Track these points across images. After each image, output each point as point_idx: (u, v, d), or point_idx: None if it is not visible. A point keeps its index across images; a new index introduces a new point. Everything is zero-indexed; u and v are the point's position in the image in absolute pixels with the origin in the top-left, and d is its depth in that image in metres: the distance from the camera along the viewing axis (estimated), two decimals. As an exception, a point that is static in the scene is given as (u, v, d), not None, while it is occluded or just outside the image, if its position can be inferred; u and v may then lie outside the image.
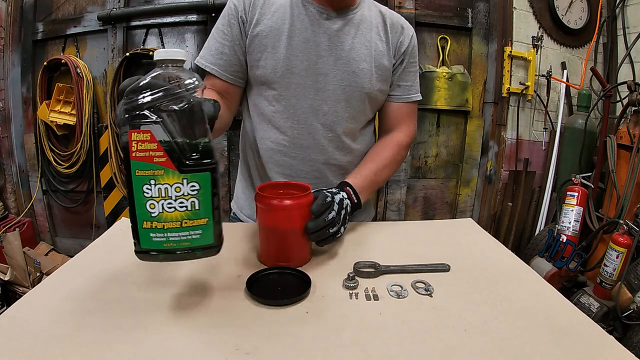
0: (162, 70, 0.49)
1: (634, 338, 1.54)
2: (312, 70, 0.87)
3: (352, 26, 0.89)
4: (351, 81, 0.89)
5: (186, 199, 0.48)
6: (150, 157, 0.46)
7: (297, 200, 0.66)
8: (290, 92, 0.88)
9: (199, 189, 0.48)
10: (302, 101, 0.88)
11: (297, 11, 0.86)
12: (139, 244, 0.49)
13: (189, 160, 0.47)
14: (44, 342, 0.48)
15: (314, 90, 0.88)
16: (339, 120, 0.90)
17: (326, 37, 0.87)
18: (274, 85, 0.88)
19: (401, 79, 0.96)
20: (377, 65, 0.90)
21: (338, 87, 0.88)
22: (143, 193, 0.47)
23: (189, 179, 0.47)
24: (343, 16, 0.88)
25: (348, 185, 0.81)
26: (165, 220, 0.48)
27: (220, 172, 2.24)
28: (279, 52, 0.86)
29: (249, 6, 0.86)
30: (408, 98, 0.97)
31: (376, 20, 0.92)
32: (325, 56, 0.87)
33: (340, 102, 0.89)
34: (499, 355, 0.47)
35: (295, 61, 0.86)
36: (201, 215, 0.49)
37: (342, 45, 0.87)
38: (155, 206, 0.48)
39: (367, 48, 0.89)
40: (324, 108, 0.89)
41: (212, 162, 0.49)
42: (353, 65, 0.88)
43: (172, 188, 0.47)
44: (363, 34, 0.89)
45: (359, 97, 0.90)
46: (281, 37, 0.85)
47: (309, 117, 0.89)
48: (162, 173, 0.47)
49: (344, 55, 0.88)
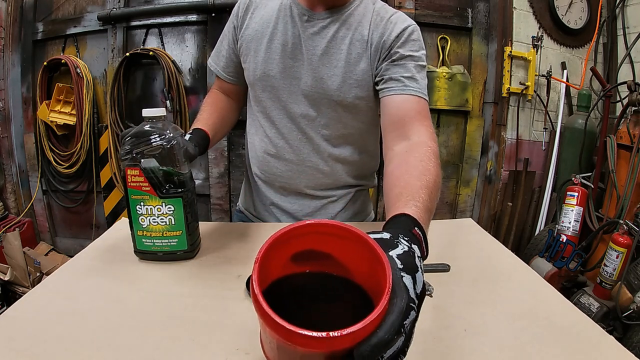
0: (149, 124, 0.66)
1: (634, 338, 1.54)
2: (286, 73, 0.86)
3: (331, 28, 0.83)
4: (319, 87, 0.85)
5: (165, 217, 0.68)
6: (139, 187, 0.66)
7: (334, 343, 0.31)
8: (266, 94, 0.89)
9: (174, 209, 0.68)
10: (276, 103, 0.89)
11: (282, 14, 0.86)
12: (135, 246, 0.71)
13: (165, 190, 0.67)
14: (44, 342, 0.48)
15: (287, 93, 0.88)
16: (311, 124, 0.89)
17: (302, 40, 0.85)
18: (255, 87, 0.91)
19: (392, 72, 0.81)
20: (351, 70, 0.84)
21: (309, 92, 0.86)
22: (136, 210, 0.68)
23: (166, 202, 0.67)
24: (330, 16, 0.84)
25: (415, 225, 0.46)
26: (152, 231, 0.69)
27: (220, 172, 2.25)
28: (259, 55, 0.87)
29: (242, 11, 0.90)
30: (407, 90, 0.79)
31: (363, 19, 0.85)
32: (300, 60, 0.86)
33: (311, 107, 0.88)
34: (499, 355, 0.47)
35: (272, 64, 0.86)
36: (177, 229, 0.69)
37: (314, 50, 0.84)
38: (144, 220, 0.68)
39: (342, 52, 0.83)
40: (296, 111, 0.88)
41: (184, 190, 0.68)
42: (322, 71, 0.84)
43: (155, 208, 0.67)
44: (342, 37, 0.83)
45: (327, 104, 0.86)
46: (263, 41, 0.86)
47: (283, 119, 0.90)
48: (148, 198, 0.67)
49: (315, 60, 0.84)
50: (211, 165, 2.26)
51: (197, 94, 2.25)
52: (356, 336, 0.31)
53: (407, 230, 0.45)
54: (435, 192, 0.60)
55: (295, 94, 0.87)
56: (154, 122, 0.66)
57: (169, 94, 2.13)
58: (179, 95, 2.15)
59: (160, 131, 0.65)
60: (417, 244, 0.42)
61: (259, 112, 0.93)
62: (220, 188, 2.29)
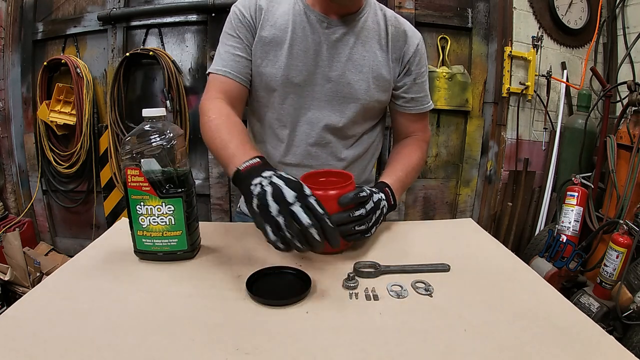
0: (149, 124, 0.66)
1: (634, 338, 1.54)
2: (309, 80, 0.88)
3: (352, 35, 0.88)
4: (346, 92, 0.89)
5: (165, 217, 0.67)
6: (139, 187, 0.65)
7: (333, 190, 0.68)
8: (288, 100, 0.89)
9: (174, 209, 0.67)
10: (298, 110, 0.89)
11: (299, 19, 0.86)
12: (135, 246, 0.70)
13: (165, 190, 0.66)
14: (44, 342, 0.48)
15: (309, 99, 0.89)
16: (333, 129, 0.91)
17: (325, 46, 0.87)
18: (272, 94, 0.89)
19: (412, 91, 0.95)
20: (375, 76, 0.90)
21: (334, 97, 0.89)
22: (136, 210, 0.67)
23: (166, 202, 0.66)
24: (344, 24, 0.87)
25: (387, 186, 0.81)
26: (152, 231, 0.68)
27: (220, 172, 2.25)
28: (279, 60, 0.86)
29: (254, 11, 0.87)
30: (422, 109, 0.97)
31: (379, 28, 0.90)
32: (323, 66, 0.87)
33: (335, 112, 0.90)
34: (499, 355, 0.47)
35: (294, 70, 0.86)
36: (177, 229, 0.68)
37: (339, 56, 0.88)
38: (144, 220, 0.67)
39: (365, 58, 0.89)
40: (318, 117, 0.90)
41: (184, 190, 0.67)
42: (349, 76, 0.88)
43: (155, 208, 0.67)
44: (362, 44, 0.88)
45: (353, 107, 0.90)
46: (283, 46, 0.86)
47: (303, 125, 0.90)
48: (148, 198, 0.66)
49: (340, 66, 0.88)
50: (211, 165, 2.26)
51: (197, 94, 2.25)
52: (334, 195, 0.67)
53: (382, 188, 0.79)
54: (411, 173, 0.92)
55: (318, 99, 0.89)
56: (154, 122, 0.66)
57: (169, 94, 2.13)
58: (179, 95, 2.15)
59: (160, 131, 0.65)
60: (383, 193, 0.78)
61: (275, 120, 0.92)
62: (220, 188, 2.29)
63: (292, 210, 0.56)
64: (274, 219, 0.56)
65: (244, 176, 0.65)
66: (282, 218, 0.56)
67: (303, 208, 0.56)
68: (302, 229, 0.55)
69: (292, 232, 0.55)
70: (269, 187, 0.59)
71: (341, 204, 0.67)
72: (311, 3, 0.87)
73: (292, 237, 0.55)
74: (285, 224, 0.55)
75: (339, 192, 0.68)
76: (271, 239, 0.56)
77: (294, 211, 0.56)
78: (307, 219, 0.55)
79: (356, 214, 0.67)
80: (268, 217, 0.57)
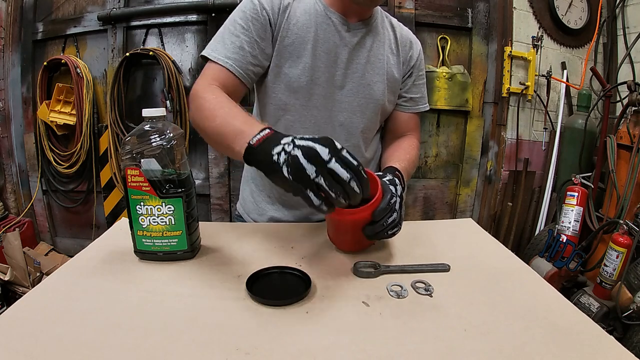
0: (149, 124, 0.66)
1: (634, 338, 1.54)
2: (331, 82, 0.88)
3: (369, 38, 0.90)
4: (366, 94, 0.91)
5: (165, 217, 0.67)
6: (139, 187, 0.65)
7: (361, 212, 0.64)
8: (312, 102, 0.88)
9: (174, 209, 0.67)
10: (322, 112, 0.89)
11: (320, 20, 0.85)
12: (135, 246, 0.70)
13: (165, 190, 0.66)
14: (44, 342, 0.48)
15: (332, 101, 0.89)
16: (354, 131, 0.92)
17: (347, 49, 0.88)
18: (295, 95, 0.87)
19: (412, 92, 0.99)
20: (388, 77, 0.93)
21: (354, 99, 0.90)
22: (136, 210, 0.67)
23: (166, 202, 0.66)
24: (361, 28, 0.89)
25: (397, 170, 0.80)
26: (151, 231, 0.68)
27: (220, 172, 2.25)
28: (302, 61, 0.85)
29: (278, 9, 0.83)
30: (418, 109, 1.01)
31: (388, 33, 0.94)
32: (344, 68, 0.88)
33: (356, 113, 0.91)
34: (499, 355, 0.47)
35: (318, 72, 0.86)
36: (177, 229, 0.68)
37: (358, 59, 0.89)
38: (144, 220, 0.67)
39: (381, 61, 0.91)
40: (340, 119, 0.91)
41: (184, 190, 0.67)
42: (368, 78, 0.90)
43: (155, 208, 0.67)
44: (377, 47, 0.91)
45: (373, 108, 0.93)
46: (306, 47, 0.85)
47: (327, 127, 0.90)
48: (148, 198, 0.66)
49: (360, 68, 0.89)
50: (211, 165, 2.26)
51: (197, 94, 2.25)
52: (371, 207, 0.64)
53: (393, 172, 0.78)
54: (412, 165, 0.92)
55: (339, 102, 0.90)
56: (154, 122, 0.66)
57: (169, 94, 2.13)
58: (179, 95, 2.15)
59: (160, 131, 0.65)
60: (397, 177, 0.76)
61: (295, 122, 0.89)
62: (220, 188, 2.29)
63: (331, 168, 0.53)
64: (313, 182, 0.52)
65: (259, 149, 0.59)
66: (322, 178, 0.52)
67: (339, 162, 0.53)
68: (343, 184, 0.53)
69: (335, 190, 0.53)
70: (297, 150, 0.54)
71: (375, 218, 0.66)
72: (329, 3, 0.87)
73: (336, 196, 0.53)
74: (327, 184, 0.52)
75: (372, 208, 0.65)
76: (315, 203, 0.53)
77: (333, 168, 0.52)
78: (346, 174, 0.52)
79: (389, 221, 0.67)
80: (307, 182, 0.52)
